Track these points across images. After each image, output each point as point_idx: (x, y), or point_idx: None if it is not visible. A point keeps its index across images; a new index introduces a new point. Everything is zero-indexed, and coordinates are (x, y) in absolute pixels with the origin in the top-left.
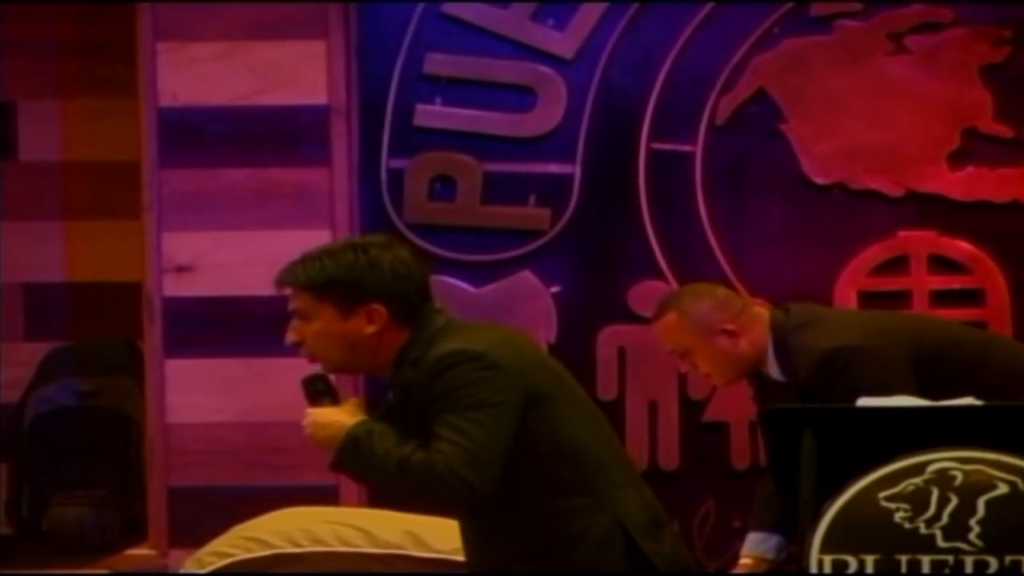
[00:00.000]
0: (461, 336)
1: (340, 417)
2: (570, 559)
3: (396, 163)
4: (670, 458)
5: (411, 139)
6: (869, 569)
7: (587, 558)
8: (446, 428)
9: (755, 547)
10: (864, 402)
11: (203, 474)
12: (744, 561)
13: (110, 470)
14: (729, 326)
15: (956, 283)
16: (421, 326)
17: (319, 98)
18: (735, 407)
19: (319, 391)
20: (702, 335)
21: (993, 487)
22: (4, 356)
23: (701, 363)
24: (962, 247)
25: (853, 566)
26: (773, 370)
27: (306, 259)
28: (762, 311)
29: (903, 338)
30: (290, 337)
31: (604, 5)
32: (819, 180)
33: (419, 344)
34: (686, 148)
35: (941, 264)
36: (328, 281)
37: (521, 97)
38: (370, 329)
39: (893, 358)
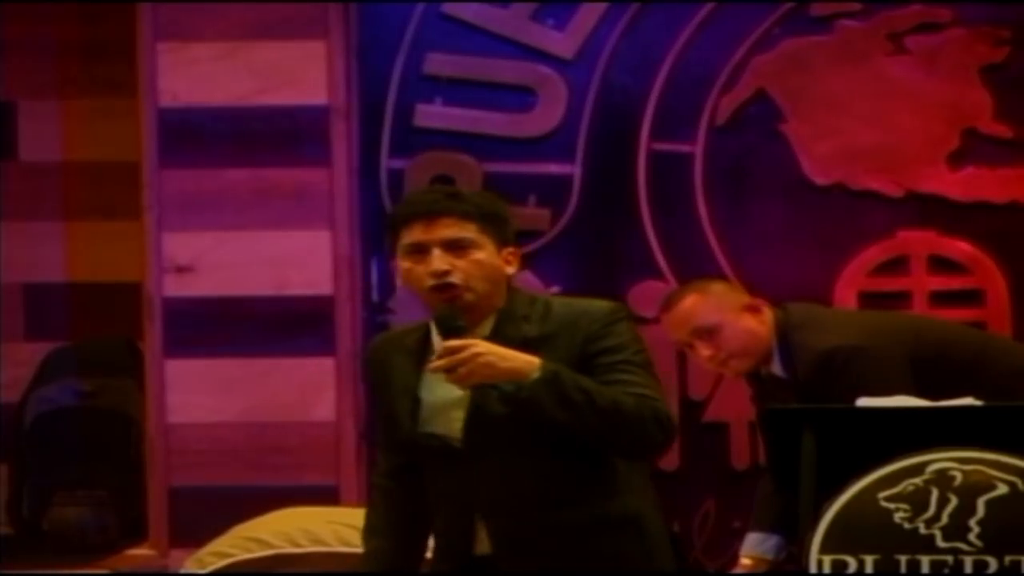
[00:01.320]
0: (586, 299)
1: (509, 351)
2: (643, 533)
3: (396, 163)
4: (670, 458)
5: (411, 139)
6: (869, 569)
7: (656, 534)
8: (640, 378)
9: (755, 547)
10: (864, 402)
11: (203, 474)
12: (744, 561)
13: (110, 470)
14: (750, 301)
15: (956, 284)
16: (510, 286)
17: (319, 98)
18: (735, 407)
19: (461, 327)
20: (728, 311)
21: (992, 487)
22: (4, 356)
23: (726, 341)
24: (962, 247)
25: (853, 566)
26: (776, 367)
27: (457, 193)
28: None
29: (902, 338)
30: (440, 265)
31: (604, 5)
32: (819, 180)
33: (522, 302)
34: (686, 148)
35: (941, 265)
36: (495, 215)
37: (521, 97)
38: (511, 270)
39: (891, 358)
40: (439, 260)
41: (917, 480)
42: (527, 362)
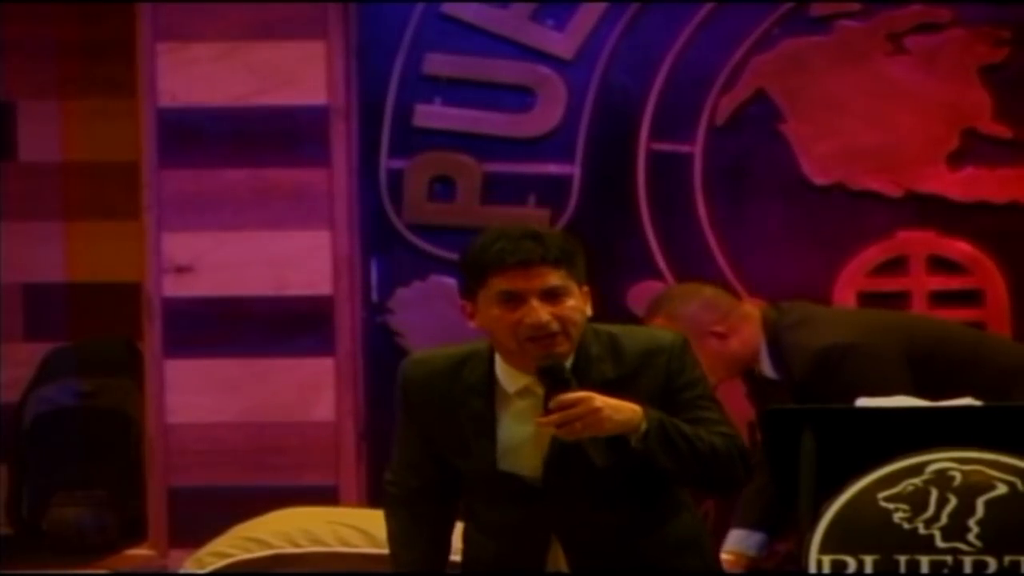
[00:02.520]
0: (635, 328)
1: (616, 400)
2: (702, 549)
3: (395, 163)
4: None
5: (410, 139)
6: (868, 569)
7: (710, 555)
8: (718, 414)
9: (737, 543)
10: (863, 402)
11: (203, 474)
12: (725, 557)
13: (110, 470)
14: (718, 328)
15: (955, 284)
16: None
17: (319, 98)
18: (733, 408)
19: (568, 380)
20: (691, 338)
21: (992, 487)
22: (4, 356)
23: None
24: (961, 248)
25: (852, 566)
26: (766, 368)
27: (544, 236)
28: (753, 310)
29: (896, 336)
30: (540, 316)
31: (604, 5)
32: (818, 181)
33: (590, 339)
34: (686, 149)
35: (940, 265)
36: (574, 255)
37: (520, 97)
38: (589, 311)
39: (887, 356)
40: (540, 311)
41: (916, 480)
42: (633, 412)
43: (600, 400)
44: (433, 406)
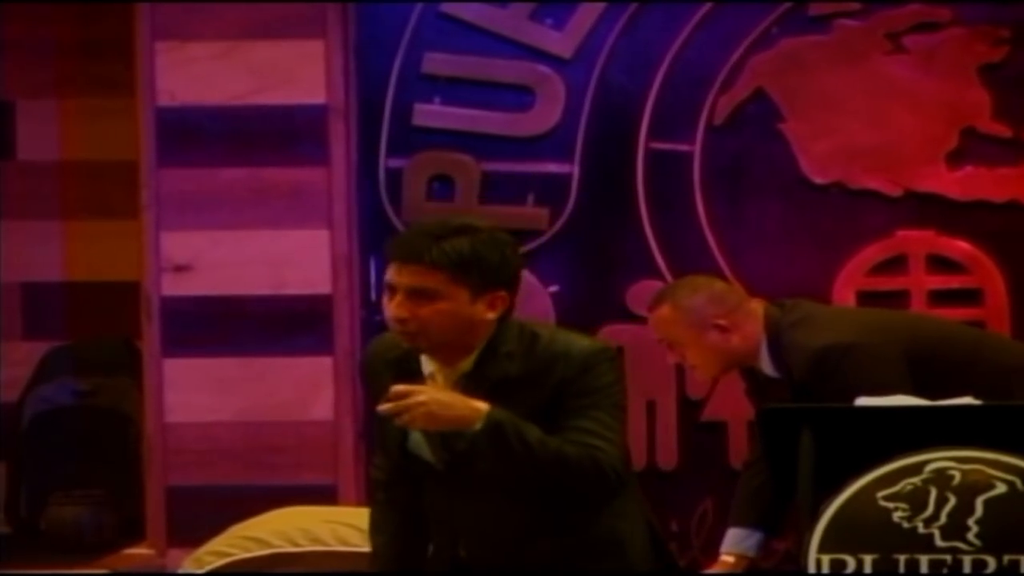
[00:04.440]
0: (574, 335)
1: (457, 399)
2: (619, 561)
3: (394, 163)
4: (668, 458)
5: (409, 138)
6: (867, 569)
7: (633, 560)
8: (599, 425)
9: (736, 544)
10: (862, 401)
11: (201, 474)
12: (725, 559)
13: (108, 469)
14: (722, 321)
15: (954, 283)
16: (505, 320)
17: (317, 97)
18: (733, 406)
19: (412, 371)
20: (693, 329)
21: (991, 487)
22: (3, 355)
23: (690, 356)
24: (960, 247)
25: (851, 566)
26: (766, 366)
27: (441, 236)
28: (757, 307)
29: (897, 335)
30: (399, 312)
31: (602, 5)
32: (817, 180)
33: (510, 338)
34: (684, 148)
35: (939, 264)
36: (471, 262)
37: (519, 97)
38: (491, 315)
39: (887, 355)
40: (399, 307)
41: (916, 479)
42: (473, 410)
43: (429, 396)
44: (377, 387)
